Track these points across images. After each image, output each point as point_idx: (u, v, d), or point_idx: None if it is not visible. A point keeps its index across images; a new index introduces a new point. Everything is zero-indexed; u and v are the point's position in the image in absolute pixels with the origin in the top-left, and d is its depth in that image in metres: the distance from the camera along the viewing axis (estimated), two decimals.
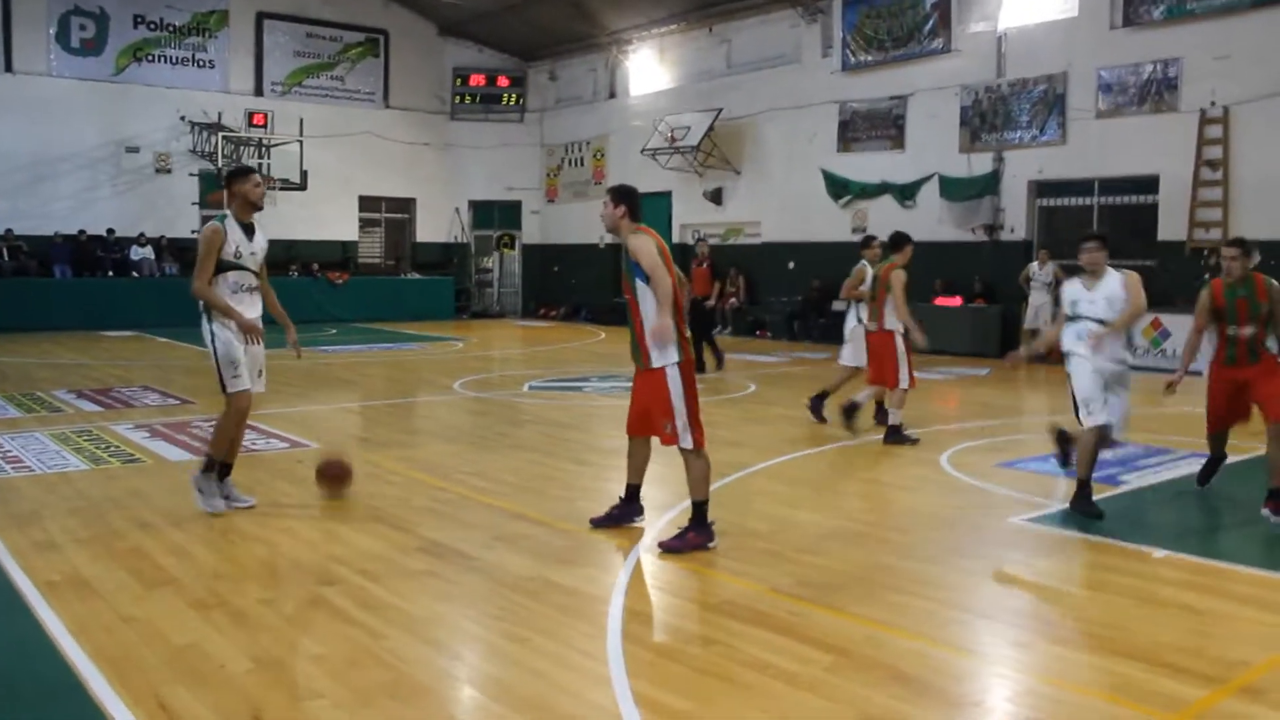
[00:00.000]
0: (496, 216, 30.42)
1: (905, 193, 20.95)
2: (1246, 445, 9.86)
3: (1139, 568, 5.99)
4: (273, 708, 4.01)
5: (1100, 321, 7.03)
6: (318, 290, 25.52)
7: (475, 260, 30.56)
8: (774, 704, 4.07)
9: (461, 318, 28.31)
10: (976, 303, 19.44)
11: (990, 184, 19.75)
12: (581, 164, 29.38)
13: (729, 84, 24.64)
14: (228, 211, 6.88)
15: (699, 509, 6.18)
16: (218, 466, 6.99)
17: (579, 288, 29.01)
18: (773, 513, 7.06)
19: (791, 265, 23.10)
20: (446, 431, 10.68)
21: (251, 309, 6.87)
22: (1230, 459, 8.39)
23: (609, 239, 28.35)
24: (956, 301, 19.66)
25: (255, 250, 6.88)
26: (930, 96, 20.71)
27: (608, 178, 28.36)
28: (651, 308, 6.07)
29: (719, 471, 8.27)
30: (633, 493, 6.71)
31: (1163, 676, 4.36)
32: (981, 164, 19.97)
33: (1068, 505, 7.13)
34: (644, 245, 6.09)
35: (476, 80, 30.00)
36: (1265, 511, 7.01)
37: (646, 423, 6.35)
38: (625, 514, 6.71)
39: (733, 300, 23.47)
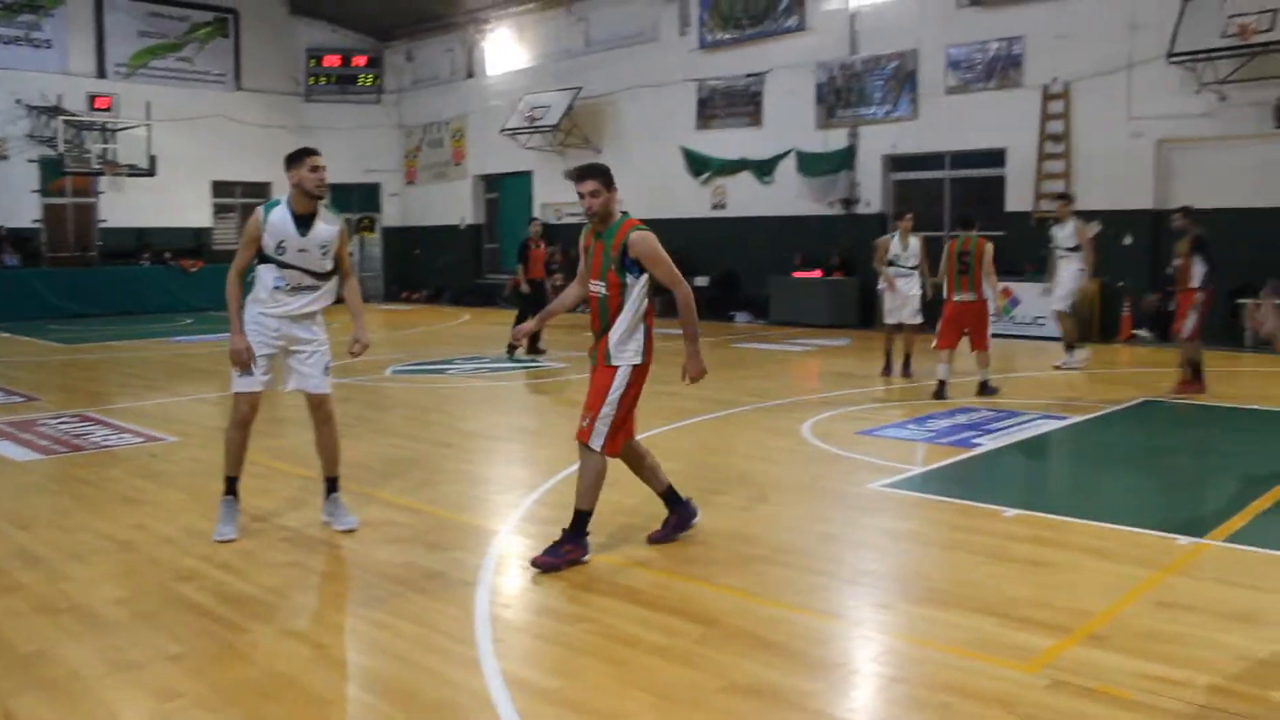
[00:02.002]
0: (355, 200, 29.82)
1: (764, 169, 21.26)
2: (1089, 405, 10.34)
3: (991, 526, 6.22)
4: (130, 712, 3.88)
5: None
6: (170, 279, 24.66)
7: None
8: (644, 677, 4.11)
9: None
10: (835, 275, 19.85)
11: (846, 159, 20.19)
12: (440, 145, 29.00)
13: (588, 63, 24.60)
14: (281, 199, 6.06)
15: (580, 519, 5.59)
16: (227, 482, 6.19)
17: (441, 270, 28.69)
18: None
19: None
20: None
21: (293, 307, 6.03)
22: (1070, 419, 8.78)
23: (469, 220, 28.23)
24: (815, 274, 20.05)
25: (307, 246, 5.97)
26: (786, 74, 21.02)
27: (467, 159, 28.10)
28: (638, 306, 5.55)
29: None
30: (670, 494, 6.04)
31: (1015, 629, 4.54)
32: (837, 140, 20.39)
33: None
34: (658, 251, 5.50)
35: (331, 61, 29.32)
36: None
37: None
38: (683, 519, 6.06)
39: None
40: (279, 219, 5.93)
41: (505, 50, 27.02)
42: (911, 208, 14.11)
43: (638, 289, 5.51)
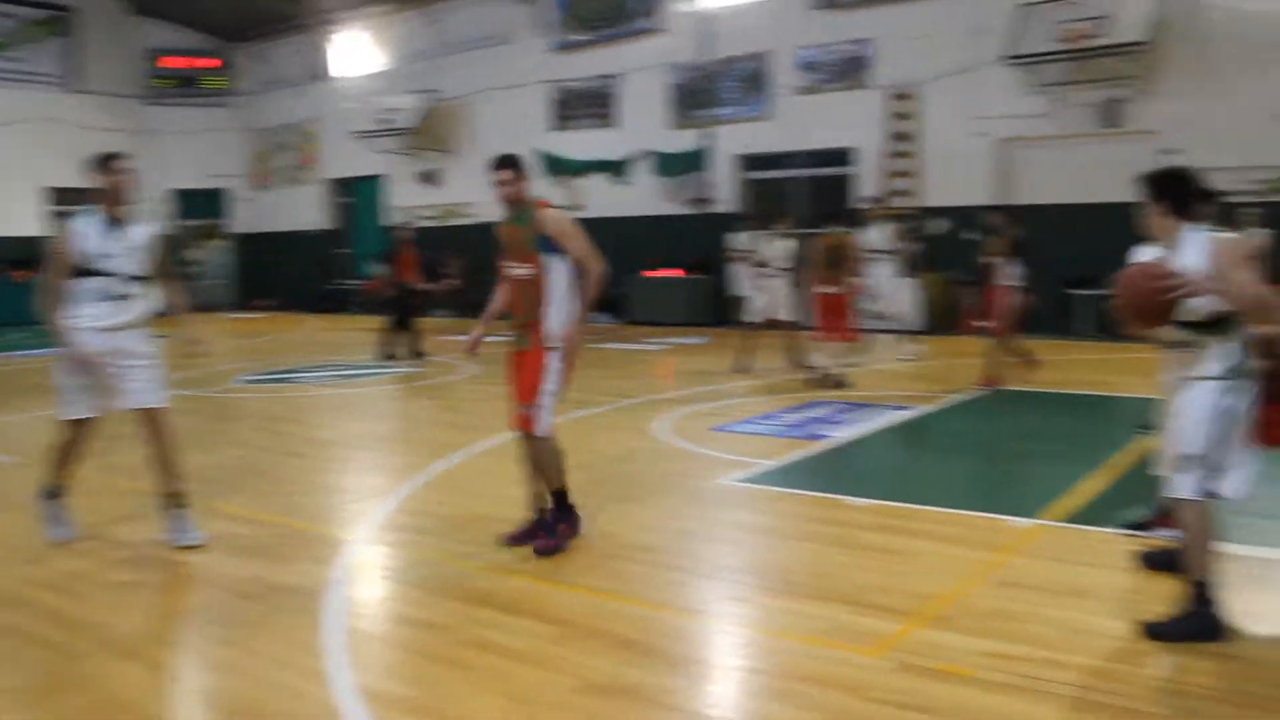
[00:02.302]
0: (203, 206, 28.89)
1: (619, 170, 21.34)
2: (935, 395, 10.65)
3: (841, 516, 6.36)
4: None
5: None
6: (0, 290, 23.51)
7: (180, 252, 28.90)
8: (500, 681, 4.08)
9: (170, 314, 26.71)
10: (682, 273, 20.05)
11: (700, 159, 20.42)
12: (292, 149, 28.29)
13: (442, 65, 24.31)
14: (90, 208, 5.81)
15: (560, 496, 5.81)
16: (49, 489, 6.17)
17: (293, 277, 27.95)
18: (495, 491, 7.05)
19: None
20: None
21: (113, 318, 5.83)
22: (916, 409, 9.03)
23: (321, 224, 27.63)
24: (671, 273, 20.23)
25: (119, 252, 5.75)
26: (641, 75, 21.16)
27: (319, 162, 27.49)
28: (564, 284, 5.65)
29: (440, 454, 8.24)
30: (560, 498, 5.91)
31: (865, 615, 4.65)
32: (691, 140, 20.60)
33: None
34: (571, 227, 5.68)
35: (176, 62, 28.29)
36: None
37: None
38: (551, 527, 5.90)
39: (451, 282, 23.27)
40: (87, 227, 5.74)
41: (358, 52, 26.48)
42: (787, 209, 14.36)
43: (561, 268, 5.63)
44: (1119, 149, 16.11)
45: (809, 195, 19.59)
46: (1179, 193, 4.43)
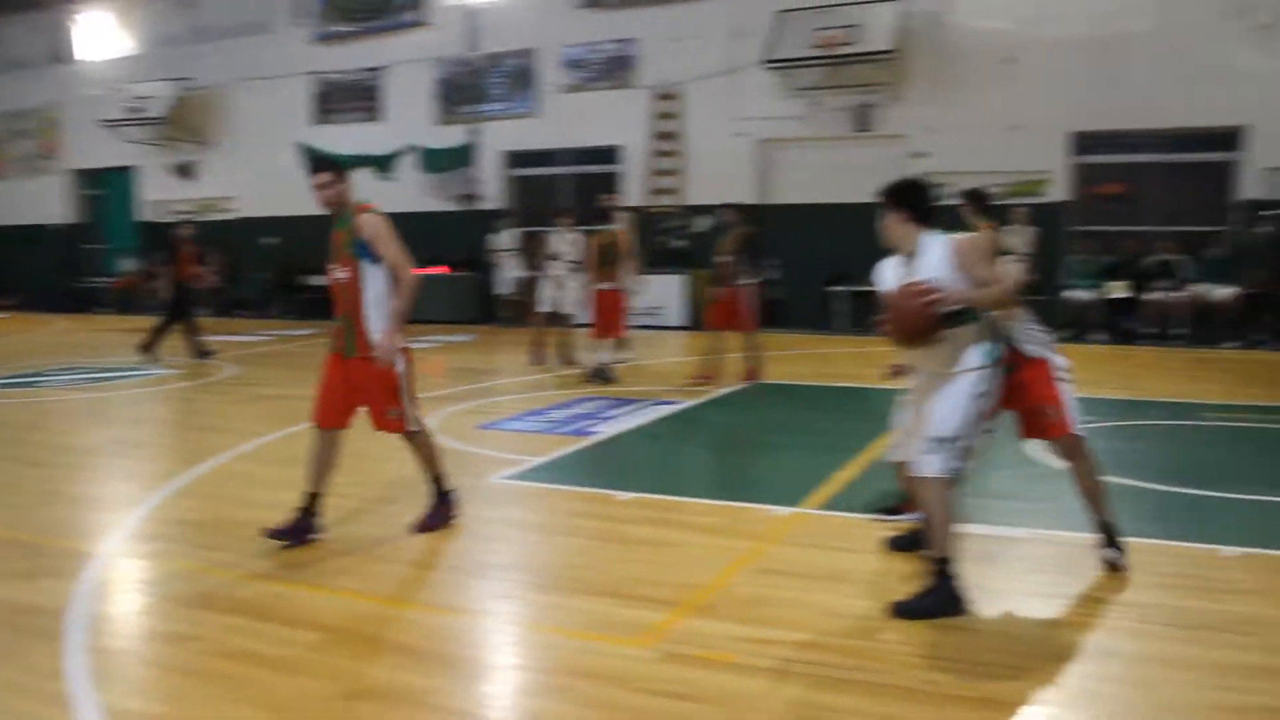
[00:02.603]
0: None
1: (384, 164, 20.93)
2: (699, 390, 10.92)
3: (608, 510, 6.44)
4: None
5: None
6: None
7: None
8: (256, 692, 3.92)
9: None
10: (448, 270, 19.87)
11: (466, 155, 20.27)
12: (30, 136, 26.36)
13: (196, 51, 23.21)
14: None
15: (438, 481, 6.04)
16: None
17: (33, 273, 26.01)
18: (254, 496, 6.78)
19: (271, 241, 22.32)
20: None
21: None
22: (681, 403, 9.23)
23: (69, 218, 25.91)
24: (438, 270, 19.97)
25: None
26: (406, 69, 20.84)
27: (61, 151, 25.75)
28: (381, 289, 5.67)
29: (194, 459, 7.87)
30: (314, 502, 5.80)
31: (631, 607, 4.71)
32: (457, 135, 20.41)
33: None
34: (385, 232, 5.72)
35: None
36: None
37: (347, 413, 5.80)
38: (308, 526, 5.77)
39: (211, 279, 22.29)
40: None
41: (105, 34, 24.91)
42: (561, 206, 14.38)
43: (377, 273, 5.67)
44: (871, 152, 16.98)
45: (577, 193, 19.73)
46: (915, 201, 4.70)
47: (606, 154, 19.34)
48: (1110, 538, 5.12)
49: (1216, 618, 4.50)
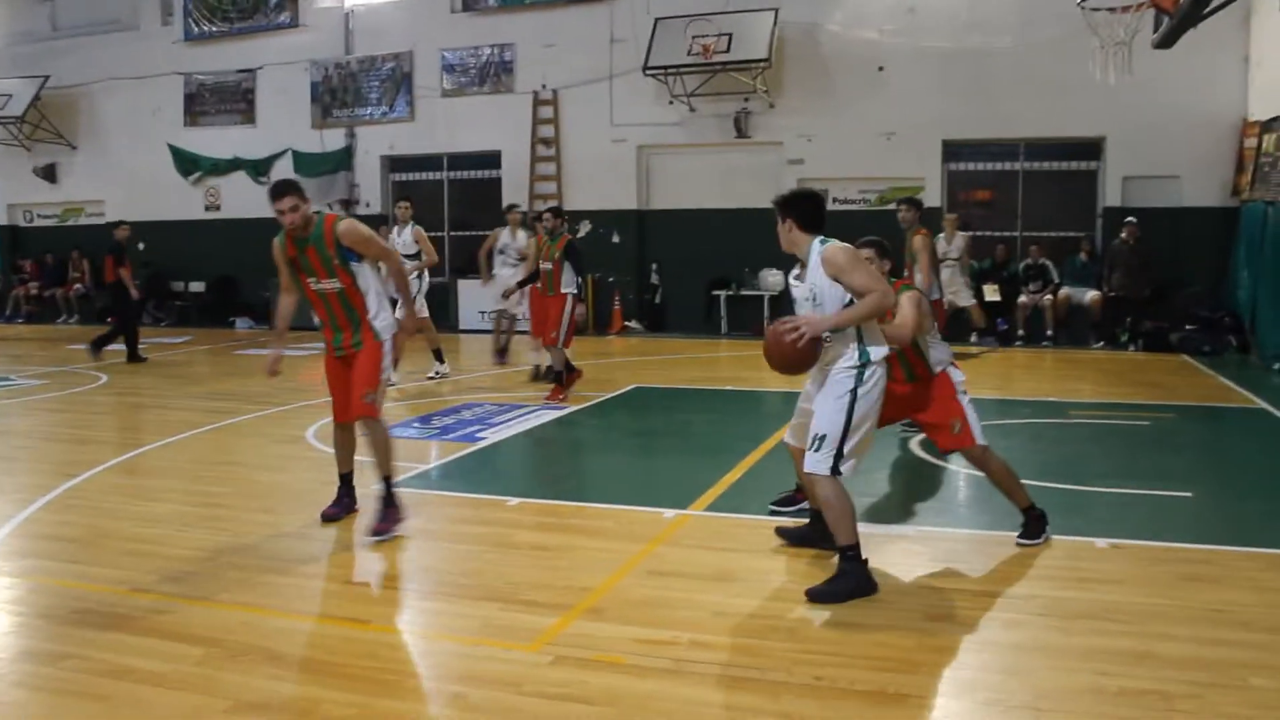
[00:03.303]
0: None
1: (259, 168, 20.52)
2: (585, 394, 10.94)
3: (496, 516, 6.43)
4: None
5: None
6: None
7: None
8: (139, 710, 3.82)
9: None
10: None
11: (344, 159, 20.00)
12: None
13: (56, 49, 22.29)
14: None
15: (389, 482, 6.00)
16: None
17: None
18: (131, 509, 6.60)
19: (141, 246, 21.62)
20: None
21: None
22: (568, 408, 9.26)
23: None
24: None
25: None
26: (280, 71, 20.41)
27: None
28: (374, 281, 6.02)
29: (67, 472, 7.60)
30: (349, 480, 6.42)
31: (521, 611, 4.73)
32: (334, 139, 20.12)
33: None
34: (365, 232, 5.99)
35: None
36: None
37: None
38: (351, 503, 6.40)
39: (78, 286, 21.58)
40: None
41: None
42: (515, 203, 14.29)
43: (367, 271, 5.98)
44: (749, 158, 17.25)
45: (456, 198, 19.64)
46: (803, 210, 4.92)
47: (487, 159, 19.24)
48: (1041, 520, 5.58)
49: (1089, 606, 4.71)
